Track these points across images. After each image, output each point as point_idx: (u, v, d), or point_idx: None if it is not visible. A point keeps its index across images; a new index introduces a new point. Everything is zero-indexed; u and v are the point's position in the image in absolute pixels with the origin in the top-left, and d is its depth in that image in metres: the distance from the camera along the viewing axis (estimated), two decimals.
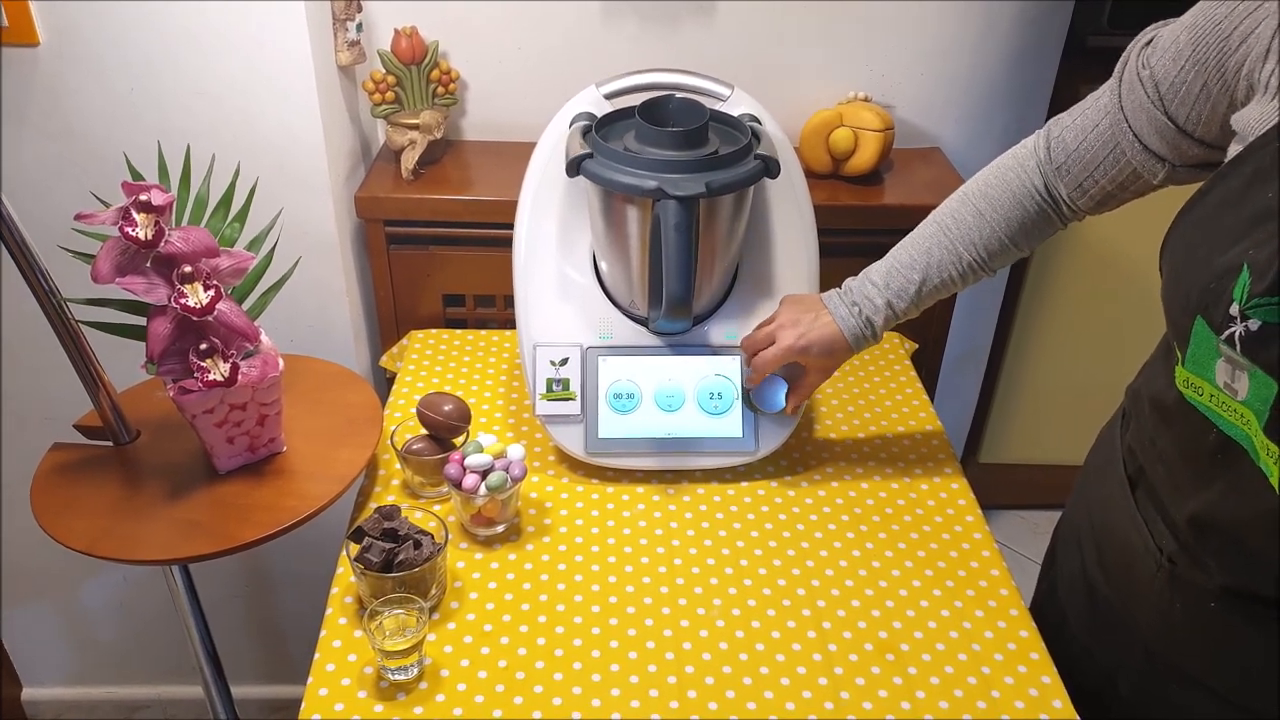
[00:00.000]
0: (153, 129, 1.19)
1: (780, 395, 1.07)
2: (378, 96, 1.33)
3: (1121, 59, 0.81)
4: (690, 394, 1.08)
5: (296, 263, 1.07)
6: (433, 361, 1.28)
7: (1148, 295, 1.87)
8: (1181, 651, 0.80)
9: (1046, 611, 1.01)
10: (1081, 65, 1.58)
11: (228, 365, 0.92)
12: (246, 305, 0.99)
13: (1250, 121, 0.66)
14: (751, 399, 1.07)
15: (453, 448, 1.05)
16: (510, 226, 1.12)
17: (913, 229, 1.32)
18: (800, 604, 0.94)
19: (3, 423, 1.43)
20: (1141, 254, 1.74)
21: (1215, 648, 0.77)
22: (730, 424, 1.08)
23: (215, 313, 0.90)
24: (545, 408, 1.07)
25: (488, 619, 0.92)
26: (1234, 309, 0.62)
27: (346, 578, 0.96)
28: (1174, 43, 0.74)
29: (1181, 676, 0.81)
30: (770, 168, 0.98)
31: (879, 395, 1.24)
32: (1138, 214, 1.74)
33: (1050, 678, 0.88)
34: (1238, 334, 0.62)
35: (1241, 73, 0.68)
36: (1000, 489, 2.05)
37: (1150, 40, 0.78)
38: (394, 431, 1.06)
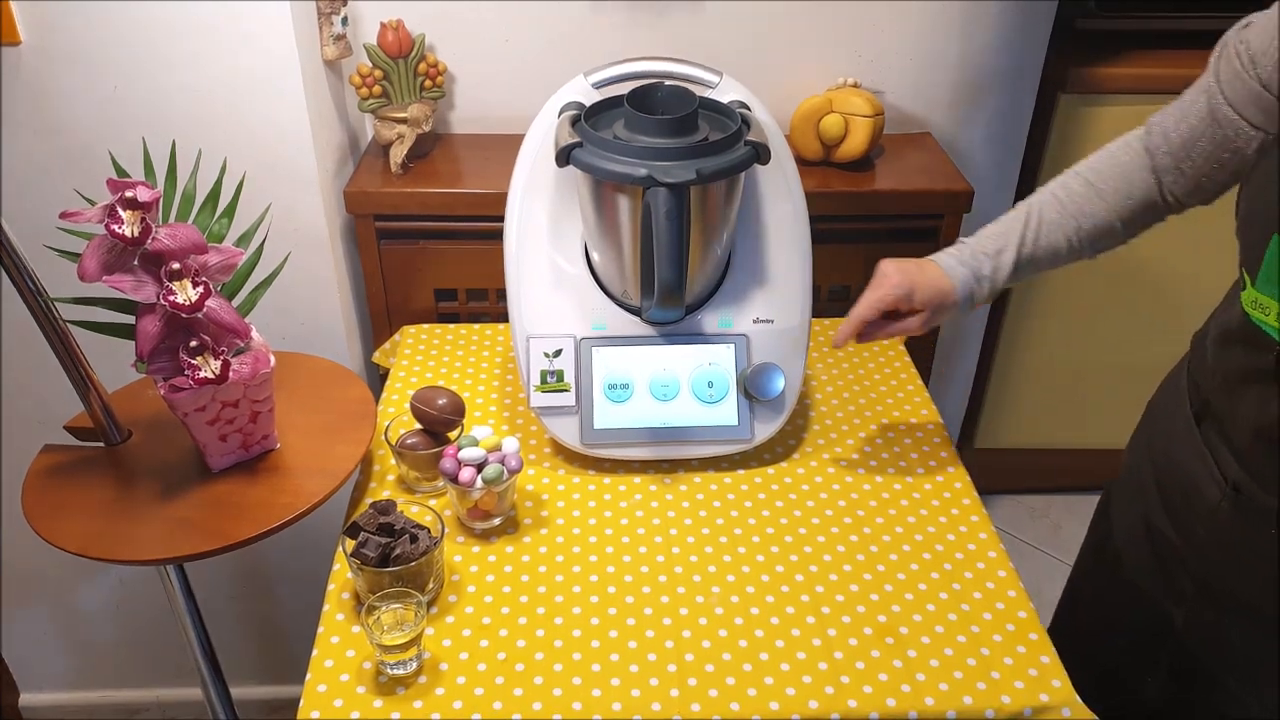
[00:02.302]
0: (138, 126, 1.18)
1: (777, 383, 1.07)
2: (365, 91, 1.32)
3: (1219, 43, 0.84)
4: (685, 383, 1.08)
5: (286, 258, 1.06)
6: (426, 356, 1.27)
7: (1141, 278, 1.88)
8: (1242, 580, 0.83)
9: (1095, 559, 1.04)
10: (1071, 48, 1.58)
11: (218, 362, 0.91)
12: (236, 302, 0.98)
13: None
14: (747, 387, 1.07)
15: (447, 442, 1.04)
16: (501, 219, 1.11)
17: (903, 214, 1.31)
18: (798, 590, 0.94)
19: None
20: (1136, 239, 1.74)
21: (1276, 572, 0.79)
22: (725, 412, 1.07)
23: (204, 310, 0.89)
24: (540, 399, 1.06)
25: (486, 612, 0.92)
26: None
27: (343, 574, 0.95)
28: (1268, 19, 0.78)
29: (1239, 604, 0.84)
30: (761, 154, 0.98)
31: (874, 381, 1.23)
32: None
33: (1049, 658, 0.88)
34: None
35: None
36: (996, 474, 2.05)
37: (1248, 24, 0.82)
38: (388, 426, 1.06)
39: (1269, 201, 0.71)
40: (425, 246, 1.36)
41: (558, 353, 1.07)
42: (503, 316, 1.37)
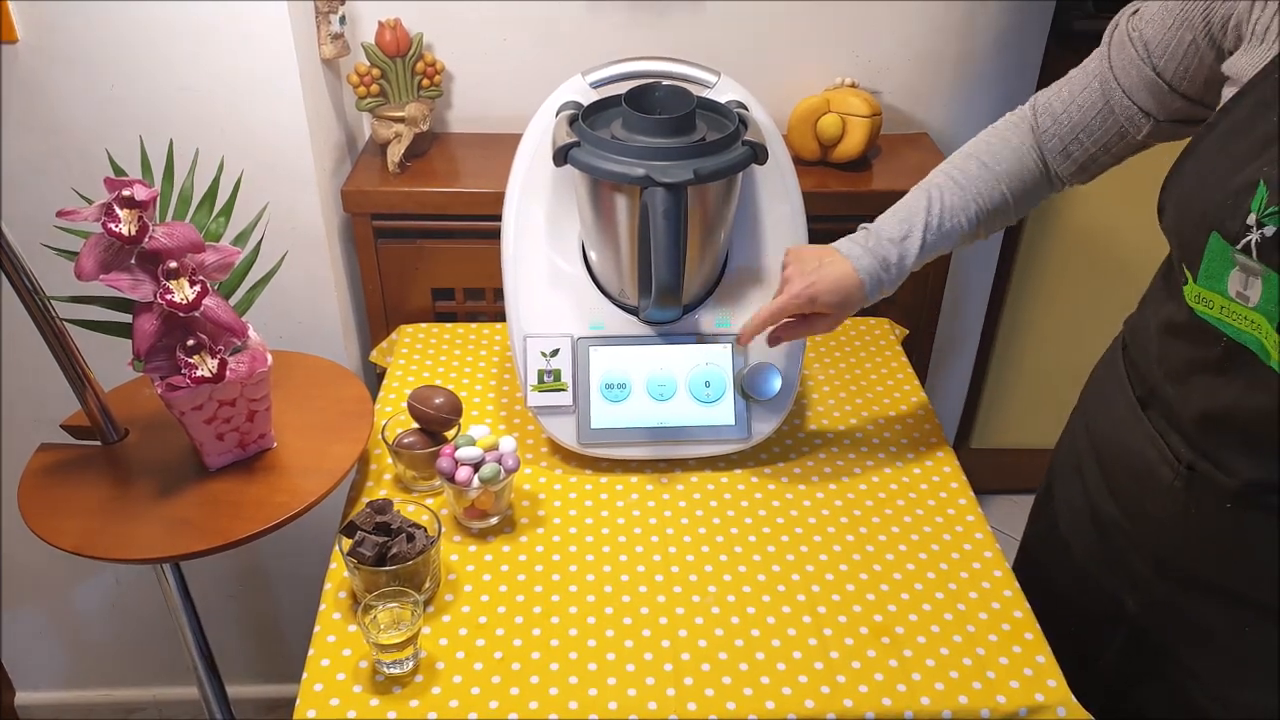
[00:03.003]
0: (136, 125, 1.18)
1: (774, 382, 1.07)
2: (362, 90, 1.32)
3: (1110, 26, 0.88)
4: (682, 383, 1.08)
5: (283, 257, 1.06)
6: (423, 355, 1.27)
7: (1137, 278, 1.88)
8: (1197, 557, 0.84)
9: (1043, 550, 1.05)
10: (1067, 49, 1.58)
11: (215, 361, 0.91)
12: (234, 301, 0.98)
13: (1244, 66, 0.74)
14: (744, 386, 1.07)
15: (444, 441, 1.04)
16: (498, 218, 1.11)
17: None
18: (795, 589, 0.94)
19: None
20: (1130, 238, 1.74)
21: (1232, 546, 0.81)
22: (722, 412, 1.07)
23: (201, 308, 0.89)
24: (537, 399, 1.06)
25: (482, 611, 0.92)
26: (1251, 219, 0.69)
27: (340, 573, 0.95)
28: (1161, 7, 0.82)
29: (1196, 583, 0.85)
30: (758, 154, 0.98)
31: (870, 381, 1.24)
32: (1126, 198, 1.74)
33: (1044, 658, 0.88)
34: (1254, 241, 0.68)
35: (1229, 25, 0.76)
36: (992, 474, 2.05)
37: (1137, 10, 0.86)
38: (385, 426, 1.06)
39: (1201, 201, 0.73)
40: (422, 246, 1.36)
41: (555, 352, 1.07)
42: (500, 316, 1.37)
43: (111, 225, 0.85)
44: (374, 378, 1.40)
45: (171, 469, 1.00)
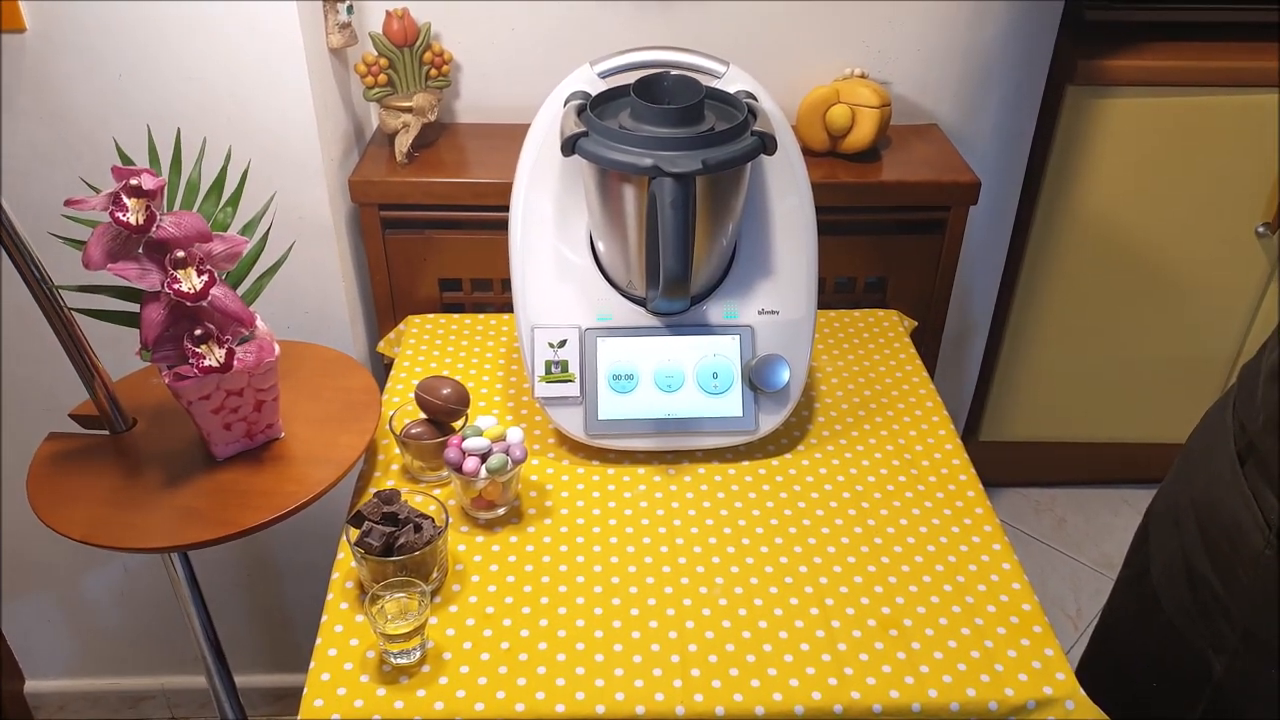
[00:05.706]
0: (143, 114, 1.18)
1: (782, 374, 1.06)
2: (370, 79, 1.32)
3: None
4: (690, 374, 1.07)
5: (290, 247, 1.06)
6: (430, 346, 1.27)
7: (1147, 270, 1.87)
8: None
9: (1132, 594, 0.99)
10: (1079, 40, 1.57)
11: (223, 351, 0.91)
12: (241, 291, 0.98)
13: None
14: (752, 378, 1.07)
15: (452, 431, 1.04)
16: (506, 209, 1.11)
17: (909, 206, 1.27)
18: (802, 582, 0.94)
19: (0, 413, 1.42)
20: (1140, 230, 1.73)
21: None
22: (730, 403, 1.07)
23: (209, 298, 0.89)
24: (544, 390, 1.06)
25: (489, 601, 0.92)
26: None
27: (347, 563, 0.95)
28: None
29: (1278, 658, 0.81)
30: (767, 144, 0.97)
31: (879, 373, 1.23)
32: (1136, 190, 1.73)
33: (1053, 650, 0.88)
34: None
35: None
36: (1001, 466, 2.05)
37: None
38: (392, 416, 1.06)
39: None
40: (430, 236, 1.35)
41: (562, 343, 1.07)
42: (507, 306, 1.36)
43: (119, 214, 0.85)
44: (381, 368, 1.40)
45: (179, 459, 1.00)
